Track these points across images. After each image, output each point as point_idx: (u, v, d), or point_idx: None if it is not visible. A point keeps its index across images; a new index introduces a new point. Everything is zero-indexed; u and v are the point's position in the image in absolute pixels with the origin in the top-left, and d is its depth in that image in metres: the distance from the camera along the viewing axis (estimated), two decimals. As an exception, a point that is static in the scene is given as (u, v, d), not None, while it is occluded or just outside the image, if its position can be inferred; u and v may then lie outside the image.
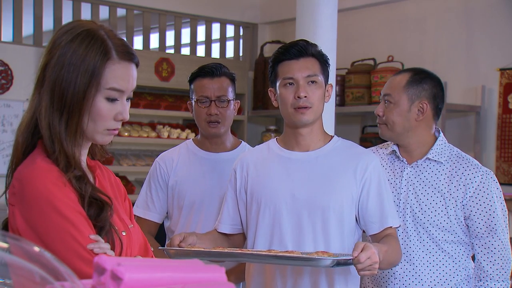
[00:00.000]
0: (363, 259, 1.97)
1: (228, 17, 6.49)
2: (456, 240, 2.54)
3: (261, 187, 2.36)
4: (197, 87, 2.78)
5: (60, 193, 1.51)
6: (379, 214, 2.30)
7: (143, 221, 2.79)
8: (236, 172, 2.43)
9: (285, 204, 2.30)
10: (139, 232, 1.73)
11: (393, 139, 2.66)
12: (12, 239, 0.96)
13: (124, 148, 5.65)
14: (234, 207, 2.43)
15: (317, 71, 2.31)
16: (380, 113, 2.64)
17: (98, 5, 5.79)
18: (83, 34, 1.57)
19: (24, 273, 0.94)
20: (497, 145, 4.92)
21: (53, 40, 1.59)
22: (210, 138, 2.81)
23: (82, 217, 1.52)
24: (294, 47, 2.31)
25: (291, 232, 2.30)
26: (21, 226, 1.50)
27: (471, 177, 2.52)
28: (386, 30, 5.70)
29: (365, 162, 2.32)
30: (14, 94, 5.18)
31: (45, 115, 1.55)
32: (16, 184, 1.54)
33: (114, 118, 1.60)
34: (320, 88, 2.31)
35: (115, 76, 1.57)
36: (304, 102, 2.28)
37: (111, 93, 1.57)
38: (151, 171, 2.86)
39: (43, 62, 1.59)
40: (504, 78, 4.89)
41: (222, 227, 2.44)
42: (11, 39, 5.58)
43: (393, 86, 2.61)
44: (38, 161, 1.55)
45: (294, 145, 2.37)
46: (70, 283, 0.93)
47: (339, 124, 5.05)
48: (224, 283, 1.05)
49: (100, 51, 1.56)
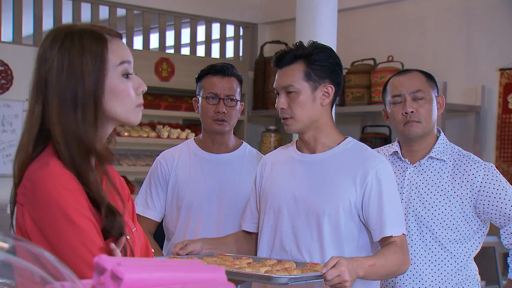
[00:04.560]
0: (330, 277, 1.93)
1: (228, 17, 6.49)
2: (459, 239, 2.54)
3: (270, 188, 2.37)
4: (207, 84, 2.78)
5: (71, 198, 1.51)
6: (378, 222, 2.22)
7: (142, 219, 2.79)
8: (257, 171, 2.47)
9: (286, 206, 2.30)
10: (141, 234, 1.73)
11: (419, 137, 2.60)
12: (12, 239, 0.96)
13: (124, 148, 5.65)
14: (255, 206, 2.46)
15: (297, 79, 2.26)
16: (414, 110, 2.55)
17: (98, 5, 5.79)
18: (69, 34, 1.58)
19: (24, 273, 0.94)
20: (496, 145, 4.92)
21: (43, 52, 1.59)
22: (213, 136, 2.80)
23: (92, 223, 1.52)
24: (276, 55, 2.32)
25: (290, 235, 2.29)
26: (30, 227, 1.51)
27: (473, 172, 2.53)
28: (386, 30, 5.70)
29: (368, 166, 2.24)
30: (14, 94, 5.18)
31: (58, 120, 1.55)
32: (27, 184, 1.54)
33: (136, 92, 1.63)
34: (299, 96, 2.26)
35: (117, 51, 1.60)
36: (282, 113, 2.29)
37: (124, 67, 1.60)
38: (152, 169, 2.86)
39: (41, 77, 1.57)
40: (504, 78, 4.89)
41: (245, 225, 2.48)
42: (11, 39, 5.58)
43: (420, 82, 2.58)
44: (52, 164, 1.54)
45: (303, 147, 2.37)
46: (70, 283, 0.93)
47: (339, 124, 5.03)
48: (224, 283, 1.05)
49: (95, 38, 1.58)
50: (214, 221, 2.69)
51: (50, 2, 5.61)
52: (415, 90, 2.56)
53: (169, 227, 2.83)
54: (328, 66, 2.29)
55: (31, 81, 1.61)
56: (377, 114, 5.51)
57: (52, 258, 0.95)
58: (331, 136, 2.33)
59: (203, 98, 2.78)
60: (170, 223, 2.83)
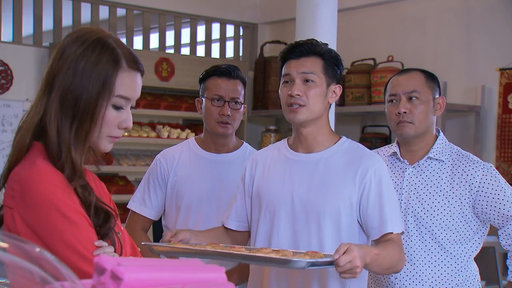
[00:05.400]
0: (343, 263, 1.89)
1: (228, 17, 6.49)
2: (458, 240, 2.54)
3: (264, 188, 2.35)
4: (212, 86, 2.77)
5: (62, 194, 1.51)
6: (378, 220, 2.23)
7: (138, 216, 2.80)
8: (246, 169, 2.43)
9: (284, 207, 2.29)
10: (127, 233, 1.75)
11: (413, 137, 2.59)
12: (11, 239, 0.96)
13: (124, 148, 5.65)
14: (242, 204, 2.43)
15: (317, 70, 2.27)
16: (407, 111, 2.55)
17: (98, 5, 5.79)
18: (94, 42, 1.57)
19: (24, 273, 0.94)
20: (497, 145, 4.92)
21: (63, 47, 1.59)
22: (216, 138, 2.80)
23: (85, 219, 1.53)
24: (297, 47, 2.30)
25: (288, 236, 2.29)
26: (21, 229, 1.50)
27: (472, 172, 2.53)
28: (386, 30, 5.70)
29: (366, 165, 2.26)
30: (14, 94, 5.19)
31: (55, 121, 1.55)
32: (15, 186, 1.53)
33: (118, 126, 1.61)
34: (318, 87, 2.27)
35: (124, 84, 1.59)
36: (296, 99, 2.25)
37: (118, 100, 1.58)
38: (151, 168, 2.85)
39: (53, 69, 1.58)
40: (504, 78, 4.89)
41: (229, 222, 2.44)
42: (11, 39, 5.58)
43: (417, 82, 2.58)
44: (38, 163, 1.54)
45: (298, 146, 2.35)
46: (70, 283, 0.93)
47: (339, 124, 5.06)
48: (224, 283, 1.05)
49: (112, 60, 1.57)
50: (213, 221, 2.68)
51: (50, 2, 5.61)
52: (410, 91, 2.56)
53: (169, 226, 2.83)
54: (339, 69, 2.35)
55: (45, 71, 1.61)
56: (377, 114, 5.51)
57: (52, 258, 0.95)
58: (327, 136, 2.34)
59: (207, 100, 2.77)
60: (170, 222, 2.82)
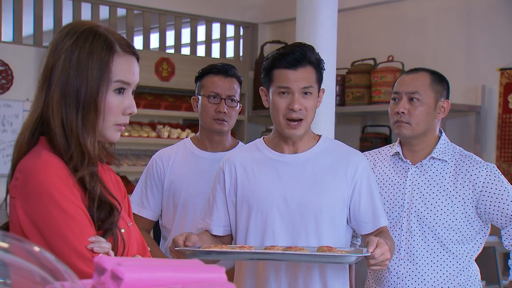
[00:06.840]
0: (378, 255, 2.02)
1: (228, 17, 6.49)
2: (461, 240, 2.54)
3: (252, 191, 2.33)
4: (208, 83, 2.78)
5: (63, 186, 1.51)
6: (371, 214, 2.33)
7: (137, 218, 2.79)
8: (225, 172, 2.38)
9: (277, 208, 2.29)
10: (137, 231, 1.74)
11: (411, 138, 2.60)
12: (12, 239, 0.96)
13: (124, 148, 5.65)
14: (224, 209, 2.39)
15: (313, 81, 2.28)
16: (406, 111, 2.55)
17: (98, 5, 5.80)
18: (85, 32, 1.59)
19: (24, 273, 0.94)
20: (497, 145, 4.92)
21: (55, 43, 1.60)
22: (212, 135, 2.81)
23: (84, 213, 1.52)
24: (291, 55, 2.26)
25: (285, 236, 2.29)
26: (23, 220, 1.50)
27: (475, 172, 2.53)
28: (386, 30, 5.70)
29: (355, 162, 2.33)
30: (14, 94, 5.19)
31: (58, 114, 1.56)
32: (19, 176, 1.54)
33: (123, 112, 1.61)
34: (314, 98, 2.29)
35: (122, 69, 1.60)
36: (297, 114, 2.26)
37: (118, 86, 1.59)
38: (147, 168, 2.85)
39: (48, 65, 1.59)
40: (504, 78, 4.89)
41: (215, 229, 2.40)
42: (11, 39, 5.59)
43: (421, 83, 2.57)
44: (43, 155, 1.54)
45: (283, 147, 2.35)
46: (70, 283, 0.93)
47: (339, 124, 5.05)
48: (224, 283, 1.05)
49: (105, 46, 1.58)
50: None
51: (50, 2, 5.61)
52: (412, 91, 2.56)
53: (166, 226, 2.83)
54: (322, 74, 2.37)
55: (41, 69, 1.62)
56: (377, 114, 5.51)
57: (52, 258, 0.95)
58: (310, 135, 2.38)
59: (204, 97, 2.78)
60: (167, 221, 2.82)
